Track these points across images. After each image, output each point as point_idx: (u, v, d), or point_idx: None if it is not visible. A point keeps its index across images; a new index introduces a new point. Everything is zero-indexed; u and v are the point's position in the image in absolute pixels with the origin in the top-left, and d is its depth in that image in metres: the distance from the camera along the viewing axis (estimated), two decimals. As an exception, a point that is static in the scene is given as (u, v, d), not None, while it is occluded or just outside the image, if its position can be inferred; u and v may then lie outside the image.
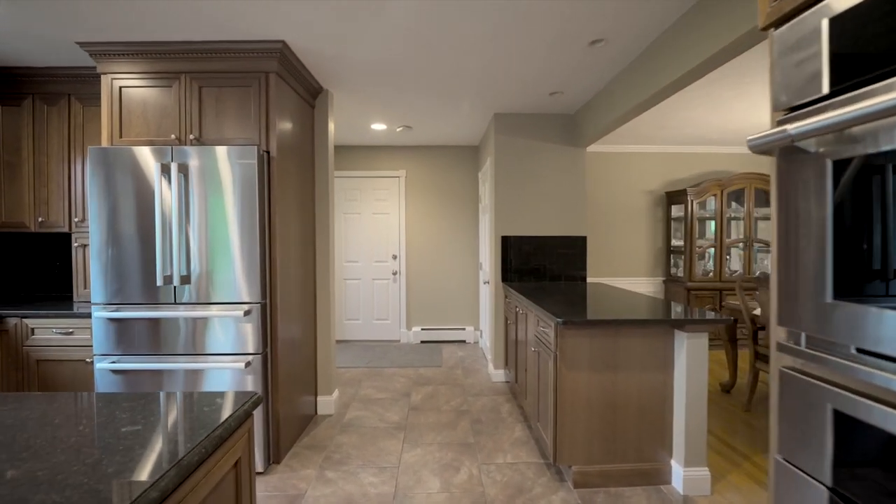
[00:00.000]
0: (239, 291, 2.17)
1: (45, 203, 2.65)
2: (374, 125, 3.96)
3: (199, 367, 2.15)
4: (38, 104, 2.65)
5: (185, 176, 2.15)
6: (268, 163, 2.29)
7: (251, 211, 2.17)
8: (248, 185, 2.16)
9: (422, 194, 4.88)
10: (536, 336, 2.45)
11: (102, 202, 2.16)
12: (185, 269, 2.16)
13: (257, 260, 2.17)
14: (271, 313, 2.30)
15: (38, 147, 2.65)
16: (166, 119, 2.31)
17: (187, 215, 2.16)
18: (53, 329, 2.34)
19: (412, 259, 4.86)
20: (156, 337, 2.18)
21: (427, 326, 4.85)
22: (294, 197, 2.58)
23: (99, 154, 2.15)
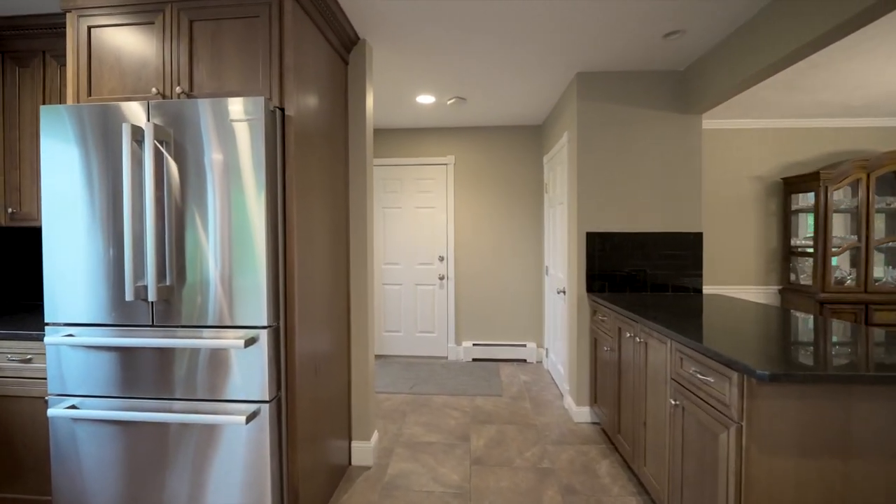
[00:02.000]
0: (238, 310, 1.49)
1: (18, 190, 2.10)
2: (419, 97, 3.23)
3: (184, 420, 1.48)
4: (10, 65, 2.10)
5: (167, 144, 1.49)
6: (282, 124, 1.60)
7: (256, 194, 1.48)
8: (251, 156, 1.48)
9: (473, 184, 4.11)
10: (678, 382, 1.62)
11: (56, 182, 1.55)
12: (164, 277, 1.50)
13: (265, 265, 1.48)
14: (287, 340, 1.60)
15: (8, 120, 2.10)
16: (147, 68, 1.67)
17: (166, 200, 1.50)
18: (8, 354, 1.76)
19: (462, 261, 4.10)
20: (127, 373, 1.54)
21: (480, 341, 4.08)
22: (321, 180, 1.88)
23: (52, 115, 1.53)
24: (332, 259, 2.01)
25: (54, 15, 2.04)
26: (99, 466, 1.57)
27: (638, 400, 1.98)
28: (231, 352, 1.49)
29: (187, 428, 1.52)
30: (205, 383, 1.51)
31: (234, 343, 1.43)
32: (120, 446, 1.56)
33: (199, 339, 1.45)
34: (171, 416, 1.48)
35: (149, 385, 1.53)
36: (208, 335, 1.50)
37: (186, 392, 1.52)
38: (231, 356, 1.49)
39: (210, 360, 1.50)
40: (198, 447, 1.52)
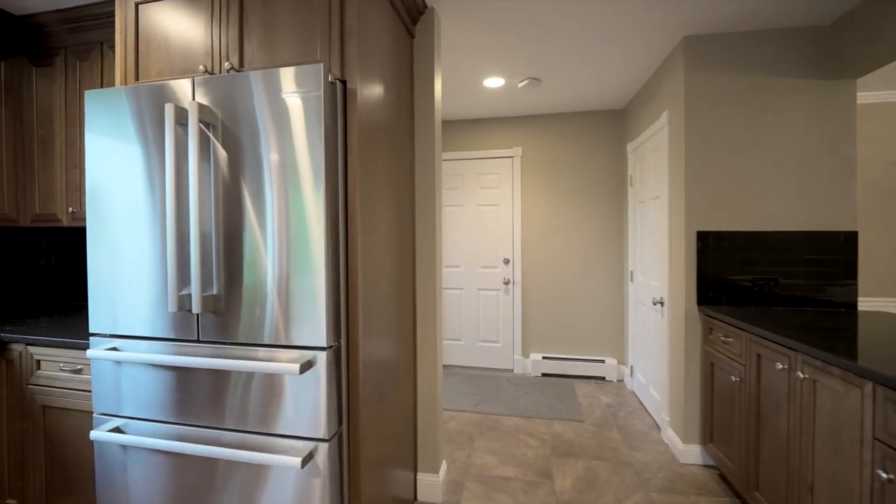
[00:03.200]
0: (293, 326, 1.22)
1: (78, 189, 2.02)
2: (487, 80, 2.88)
3: (231, 457, 1.23)
4: (70, 60, 2.03)
5: (214, 128, 1.26)
6: (343, 100, 1.31)
7: (314, 186, 1.20)
8: (307, 139, 1.20)
9: (543, 178, 3.68)
10: (891, 447, 1.13)
11: (98, 175, 1.37)
12: (210, 285, 1.27)
13: (324, 273, 1.19)
14: (349, 363, 1.31)
15: (69, 116, 2.03)
16: (194, 45, 1.46)
17: (212, 194, 1.27)
18: (60, 363, 1.64)
19: (530, 264, 3.69)
20: (173, 395, 1.33)
21: (550, 354, 3.64)
22: (384, 171, 1.58)
23: (93, 101, 1.36)
24: (396, 263, 1.71)
25: (108, 2, 1.93)
26: (142, 495, 1.37)
27: (798, 455, 1.48)
28: (284, 378, 1.22)
29: (236, 464, 1.28)
30: (255, 413, 1.25)
31: (287, 368, 1.16)
32: (164, 476, 1.35)
33: (247, 361, 1.20)
34: (218, 450, 1.24)
35: (195, 409, 1.31)
36: (258, 355, 1.25)
37: (236, 421, 1.27)
38: (284, 383, 1.22)
39: (261, 386, 1.24)
40: (246, 487, 1.27)
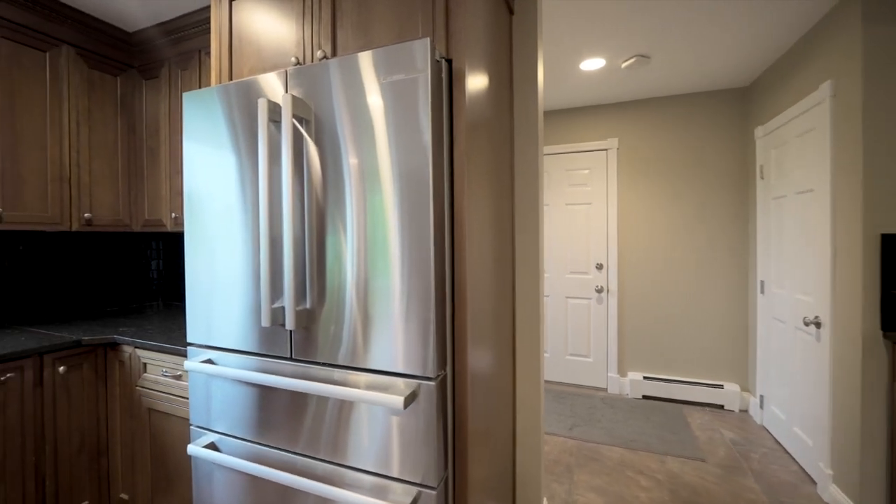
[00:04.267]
0: (395, 350, 1.04)
1: (179, 195, 2.07)
2: (585, 62, 2.55)
3: (322, 494, 1.09)
4: (173, 70, 2.09)
5: (307, 123, 1.13)
6: (449, 83, 1.11)
7: (419, 183, 1.01)
8: (409, 125, 1.01)
9: (644, 173, 3.23)
10: None
11: (193, 178, 1.32)
12: (303, 298, 1.14)
13: (432, 290, 1.00)
14: (456, 395, 1.11)
15: (173, 124, 2.10)
16: (286, 37, 1.36)
17: (306, 197, 1.13)
18: (163, 368, 1.65)
19: (628, 271, 3.26)
20: (264, 414, 1.23)
21: (653, 374, 3.19)
22: (486, 167, 1.36)
23: (193, 102, 1.30)
24: (496, 270, 1.48)
25: (205, 9, 1.94)
26: (236, 518, 1.30)
27: None
28: (387, 411, 1.05)
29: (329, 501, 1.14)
30: (350, 446, 1.10)
31: (390, 401, 0.98)
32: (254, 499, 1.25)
33: (346, 389, 1.04)
34: (312, 485, 1.10)
35: (287, 434, 1.19)
36: (355, 380, 1.09)
37: (331, 452, 1.13)
38: (386, 416, 1.05)
39: (359, 417, 1.09)
40: (340, 527, 1.13)
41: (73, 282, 2.23)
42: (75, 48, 1.98)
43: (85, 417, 1.72)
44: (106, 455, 1.78)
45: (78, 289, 2.25)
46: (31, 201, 1.83)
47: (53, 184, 1.90)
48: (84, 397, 1.72)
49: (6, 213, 1.75)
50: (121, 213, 2.16)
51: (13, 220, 1.77)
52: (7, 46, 1.77)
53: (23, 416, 1.54)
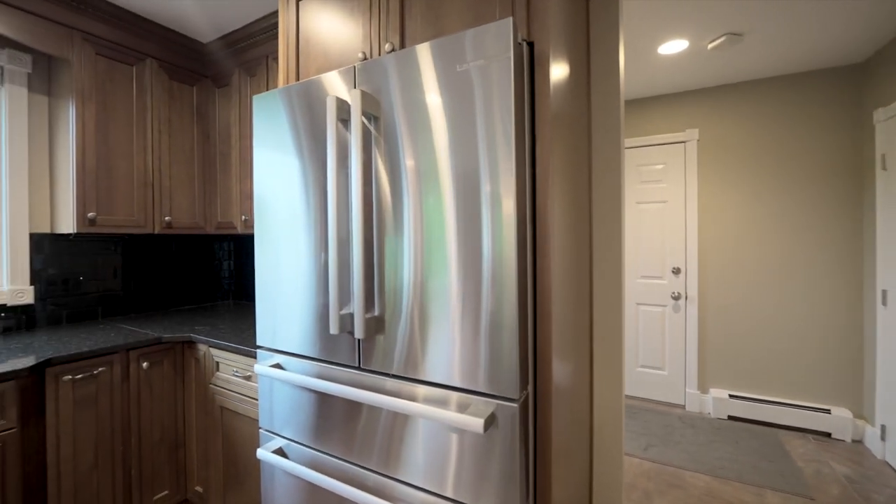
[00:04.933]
0: (471, 366, 0.94)
1: (249, 198, 2.13)
2: (665, 45, 2.30)
3: (392, 514, 1.02)
4: (242, 76, 2.15)
5: (376, 121, 1.06)
6: (531, 69, 0.99)
7: (501, 181, 0.90)
8: (486, 123, 0.91)
9: (730, 166, 2.89)
10: None
11: (262, 180, 1.31)
12: (372, 305, 1.08)
13: (515, 300, 0.89)
14: (538, 421, 0.99)
15: (242, 129, 2.16)
16: (353, 33, 1.31)
17: (374, 199, 1.07)
18: (234, 368, 1.69)
19: (710, 276, 2.93)
20: (331, 423, 1.19)
21: (741, 393, 2.84)
22: (565, 161, 1.22)
23: (261, 105, 1.29)
24: (574, 274, 1.33)
25: (273, 14, 1.97)
26: (302, 526, 1.27)
27: None
28: (463, 432, 0.96)
29: (396, 521, 1.07)
30: (421, 465, 1.02)
31: (469, 423, 0.88)
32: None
33: (417, 405, 0.96)
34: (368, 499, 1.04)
35: (355, 446, 1.14)
36: (426, 395, 1.01)
37: (402, 470, 1.06)
38: (462, 438, 0.96)
39: (432, 435, 1.00)
40: (409, 551, 1.05)
41: (154, 280, 2.38)
42: (158, 61, 2.10)
43: (164, 411, 1.80)
44: (183, 448, 1.86)
45: (158, 287, 2.40)
46: (120, 206, 1.96)
47: (139, 189, 2.03)
48: (164, 392, 1.80)
49: (100, 217, 1.88)
50: (196, 215, 2.27)
51: (105, 224, 1.90)
52: (102, 63, 1.90)
53: (112, 408, 1.64)
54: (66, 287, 2.02)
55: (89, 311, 2.11)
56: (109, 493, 1.62)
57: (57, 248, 2.00)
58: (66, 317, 2.03)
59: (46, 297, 1.96)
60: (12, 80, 1.85)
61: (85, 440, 1.56)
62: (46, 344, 1.65)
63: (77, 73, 1.82)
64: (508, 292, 0.89)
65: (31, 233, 1.91)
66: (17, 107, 1.86)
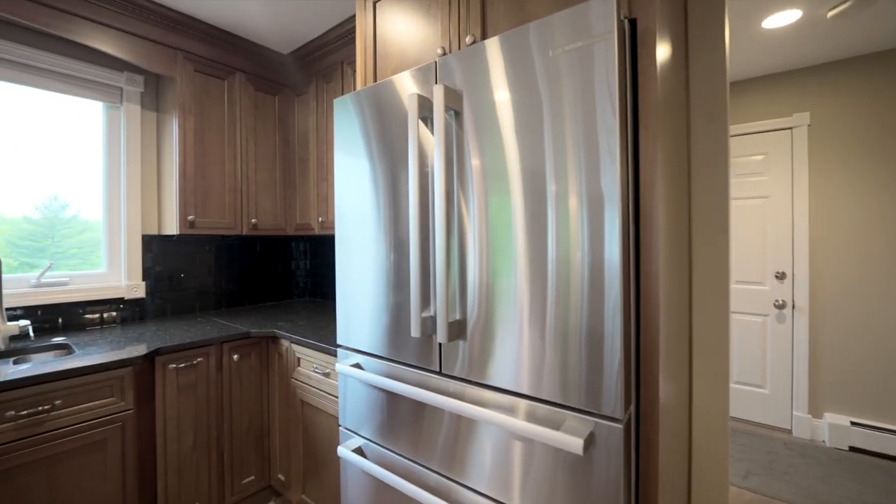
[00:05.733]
0: (563, 379, 0.86)
1: (326, 200, 2.21)
2: (772, 18, 2.02)
3: (475, 529, 0.97)
4: (319, 84, 2.24)
5: (458, 116, 1.02)
6: (633, 46, 0.89)
7: (602, 177, 0.82)
8: (584, 103, 0.82)
9: (851, 156, 2.48)
10: None
11: (342, 182, 1.33)
12: (456, 309, 1.04)
13: (619, 307, 0.79)
14: (641, 445, 0.88)
15: (319, 135, 2.25)
16: (430, 30, 1.28)
17: (456, 198, 1.03)
18: (314, 364, 1.75)
19: (824, 282, 2.53)
20: (410, 427, 1.17)
21: (867, 421, 2.42)
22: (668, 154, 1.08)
23: (339, 108, 1.31)
24: (678, 285, 1.19)
25: (348, 20, 2.02)
26: (379, 527, 1.27)
27: None
28: (556, 451, 0.88)
29: (479, 537, 1.02)
30: (506, 481, 0.96)
31: (567, 442, 0.80)
32: (399, 518, 1.20)
33: (508, 419, 0.90)
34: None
35: (434, 453, 1.11)
36: (512, 406, 0.94)
37: (484, 483, 1.01)
38: (557, 459, 0.88)
39: (519, 449, 0.94)
40: (491, 570, 0.99)
41: (239, 278, 2.57)
42: (245, 74, 2.25)
43: (252, 402, 1.92)
44: (267, 437, 1.97)
45: (243, 284, 2.58)
46: (214, 209, 2.13)
47: (229, 194, 2.19)
48: (251, 384, 1.92)
49: (197, 220, 2.06)
50: (278, 217, 2.40)
51: (202, 226, 2.07)
52: (200, 79, 2.08)
53: (208, 396, 1.77)
54: (170, 283, 2.24)
55: (188, 305, 2.32)
56: (206, 474, 1.76)
57: (162, 248, 2.22)
58: (170, 310, 2.25)
59: (154, 292, 2.19)
60: (129, 99, 2.08)
61: (186, 424, 1.70)
62: (155, 334, 1.83)
63: (180, 89, 2.00)
64: (612, 301, 0.80)
65: (142, 234, 2.14)
66: (133, 123, 2.10)
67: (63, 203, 1.94)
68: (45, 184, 1.89)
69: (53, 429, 1.35)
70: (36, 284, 1.84)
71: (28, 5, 1.60)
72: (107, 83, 2.02)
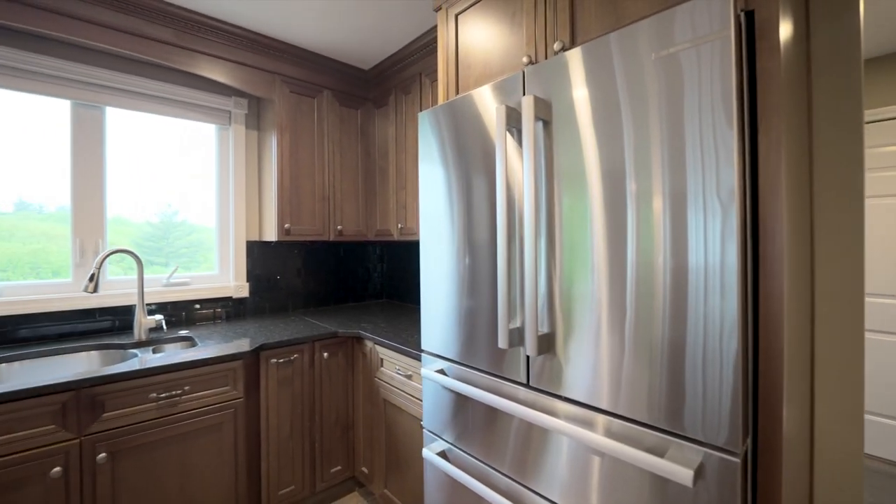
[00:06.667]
0: (663, 400, 0.81)
1: (404, 207, 2.30)
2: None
3: (566, 548, 0.95)
4: (398, 96, 2.33)
5: (547, 126, 1.00)
6: (749, 44, 0.81)
7: (716, 184, 0.75)
8: (695, 107, 0.76)
9: None
10: None
11: (426, 193, 1.37)
12: (545, 321, 1.02)
13: (737, 324, 0.73)
14: (760, 486, 0.80)
15: (398, 144, 2.34)
16: (513, 39, 1.27)
17: (544, 208, 1.01)
18: (396, 366, 1.83)
19: None
20: (493, 436, 1.17)
21: None
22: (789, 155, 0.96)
23: (428, 120, 1.35)
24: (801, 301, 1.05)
25: (426, 34, 2.08)
26: (462, 530, 1.30)
27: None
28: (654, 479, 0.83)
29: (569, 556, 0.99)
30: (584, 497, 0.92)
31: (675, 472, 0.75)
32: (484, 524, 1.22)
33: (609, 441, 0.87)
34: (550, 532, 0.98)
35: (517, 464, 1.10)
36: (605, 426, 0.91)
37: (562, 496, 0.98)
38: (650, 484, 0.83)
39: (616, 475, 0.90)
40: (583, 591, 0.96)
41: (324, 279, 2.76)
42: (332, 91, 2.42)
43: (338, 397, 2.06)
44: (352, 431, 2.11)
45: (327, 285, 2.78)
46: (305, 218, 2.32)
47: (318, 203, 2.37)
48: (338, 380, 2.06)
49: (293, 228, 2.26)
50: (360, 224, 2.55)
51: (296, 233, 2.27)
52: (294, 98, 2.28)
53: (302, 390, 1.94)
54: (268, 284, 2.49)
55: (282, 303, 2.55)
56: (300, 460, 1.93)
57: (261, 252, 2.47)
58: (268, 309, 2.49)
59: (255, 293, 2.44)
60: (236, 120, 2.35)
61: (284, 414, 1.88)
62: (258, 331, 2.04)
63: (278, 109, 2.21)
64: (728, 320, 0.73)
65: (247, 241, 2.40)
66: (239, 141, 2.36)
67: (174, 210, 2.24)
68: (162, 194, 2.19)
69: (184, 410, 1.57)
70: (166, 284, 2.15)
71: (159, 45, 1.88)
72: (219, 107, 2.29)
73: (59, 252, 1.91)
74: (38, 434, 1.30)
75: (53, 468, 1.31)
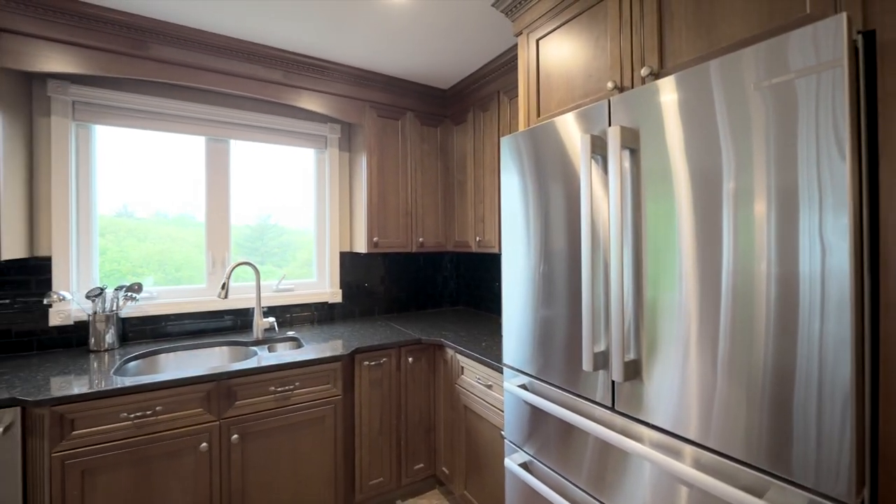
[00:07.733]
0: (764, 440, 0.79)
1: (482, 220, 2.39)
2: None
3: (654, 573, 0.96)
4: (476, 113, 2.42)
5: (634, 154, 1.02)
6: (866, 64, 0.76)
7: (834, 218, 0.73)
8: (807, 140, 0.74)
9: None
10: None
11: (508, 215, 1.43)
12: (632, 347, 1.04)
13: (849, 361, 0.69)
14: (869, 524, 0.75)
15: (476, 160, 2.44)
16: (597, 62, 1.29)
17: (632, 238, 1.02)
18: (476, 375, 1.92)
19: None
20: (568, 450, 1.21)
21: None
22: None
23: (510, 144, 1.42)
24: None
25: (504, 53, 2.14)
26: (543, 540, 1.34)
27: None
28: (750, 513, 0.82)
29: (657, 582, 1.00)
30: (690, 533, 0.92)
31: (769, 513, 0.74)
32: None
33: (701, 475, 0.87)
34: (637, 555, 1.00)
35: (600, 484, 1.13)
36: (694, 459, 0.90)
37: (655, 524, 0.99)
38: (749, 520, 0.82)
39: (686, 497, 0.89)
40: None
41: (404, 287, 2.95)
42: (413, 112, 2.59)
43: (421, 400, 2.21)
44: (433, 432, 2.24)
45: (407, 293, 2.96)
46: (391, 231, 2.51)
47: (402, 217, 2.55)
48: (421, 384, 2.21)
49: (380, 241, 2.46)
50: (439, 236, 2.69)
51: (383, 246, 2.47)
52: (380, 122, 2.48)
53: (390, 391, 2.11)
54: (356, 291, 2.73)
55: (369, 309, 2.78)
56: (388, 455, 2.11)
57: (352, 262, 2.72)
58: (357, 313, 2.74)
59: (347, 299, 2.70)
60: (331, 144, 2.62)
61: (374, 412, 2.07)
62: (351, 334, 2.26)
63: (367, 133, 2.43)
64: (840, 357, 0.70)
65: (340, 251, 2.67)
66: (334, 162, 2.63)
67: (268, 213, 2.55)
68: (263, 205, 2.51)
69: (295, 403, 1.82)
70: (276, 290, 2.47)
71: (272, 86, 2.17)
72: (317, 133, 2.58)
73: (180, 252, 2.30)
74: (192, 415, 1.60)
75: (201, 443, 1.61)
